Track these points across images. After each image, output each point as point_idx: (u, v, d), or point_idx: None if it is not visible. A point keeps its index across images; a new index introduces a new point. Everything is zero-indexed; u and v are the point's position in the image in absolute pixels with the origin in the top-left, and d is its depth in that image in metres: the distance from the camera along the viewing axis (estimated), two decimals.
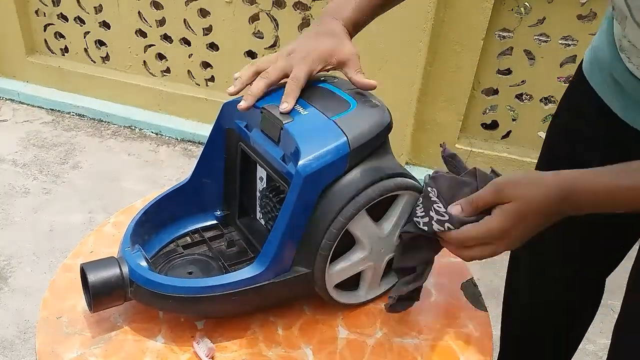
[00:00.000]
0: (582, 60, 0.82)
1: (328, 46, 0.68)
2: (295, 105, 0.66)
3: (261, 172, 0.75)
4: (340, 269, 0.69)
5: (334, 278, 0.69)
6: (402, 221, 0.68)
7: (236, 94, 0.68)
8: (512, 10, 1.93)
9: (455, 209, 0.59)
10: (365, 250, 0.68)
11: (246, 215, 0.81)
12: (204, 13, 2.31)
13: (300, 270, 0.66)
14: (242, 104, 0.66)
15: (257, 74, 0.68)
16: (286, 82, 0.67)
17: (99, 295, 0.65)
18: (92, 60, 2.61)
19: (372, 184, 0.64)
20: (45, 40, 2.64)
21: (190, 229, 0.80)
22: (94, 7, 2.45)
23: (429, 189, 0.62)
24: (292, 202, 0.62)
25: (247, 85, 0.68)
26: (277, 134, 0.65)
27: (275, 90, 0.69)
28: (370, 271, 0.72)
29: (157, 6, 2.36)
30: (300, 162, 0.60)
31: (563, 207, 0.56)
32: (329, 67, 0.70)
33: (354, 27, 0.73)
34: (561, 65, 1.99)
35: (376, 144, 0.66)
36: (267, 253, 0.64)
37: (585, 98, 0.77)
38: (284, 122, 0.64)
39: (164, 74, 2.52)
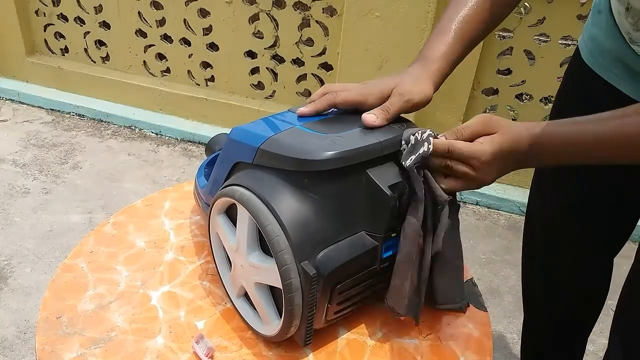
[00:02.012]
0: (575, 55, 0.85)
1: (391, 83, 0.68)
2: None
3: None
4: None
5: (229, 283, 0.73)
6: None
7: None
8: None
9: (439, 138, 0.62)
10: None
11: None
12: (204, 13, 2.31)
13: None
14: (301, 109, 0.69)
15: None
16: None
17: None
18: (92, 60, 2.61)
19: (229, 185, 0.65)
20: (45, 40, 2.64)
21: None
22: (94, 7, 2.45)
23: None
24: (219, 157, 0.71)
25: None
26: None
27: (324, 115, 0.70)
28: (250, 292, 0.68)
29: (157, 6, 2.36)
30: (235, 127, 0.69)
31: (531, 143, 0.59)
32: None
33: (441, 61, 0.71)
34: (561, 65, 1.99)
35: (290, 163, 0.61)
36: None
37: (592, 86, 0.80)
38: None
39: (164, 74, 2.52)
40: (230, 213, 0.69)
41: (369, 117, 0.64)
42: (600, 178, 0.84)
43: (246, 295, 0.70)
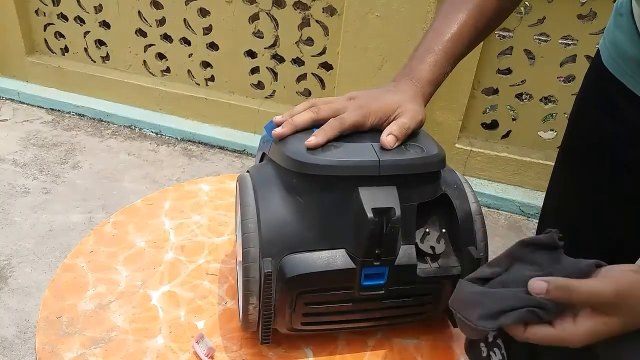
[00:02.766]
0: (595, 59, 0.79)
1: (392, 102, 0.62)
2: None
3: None
4: None
5: None
6: (238, 220, 0.65)
7: (281, 123, 0.63)
8: None
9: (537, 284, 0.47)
10: None
11: None
12: (204, 13, 2.31)
13: None
14: (278, 131, 0.62)
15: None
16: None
17: None
18: (92, 60, 2.61)
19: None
20: (46, 40, 2.64)
21: None
22: (94, 7, 2.45)
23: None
24: None
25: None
26: None
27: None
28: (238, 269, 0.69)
29: (157, 6, 2.36)
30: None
31: None
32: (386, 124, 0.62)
33: (432, 86, 0.66)
34: (561, 65, 1.99)
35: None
36: None
37: (613, 92, 0.75)
38: None
39: (164, 73, 2.52)
40: None
41: (391, 141, 0.59)
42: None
43: None
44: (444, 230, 0.62)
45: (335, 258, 0.59)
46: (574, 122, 0.87)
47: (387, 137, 0.59)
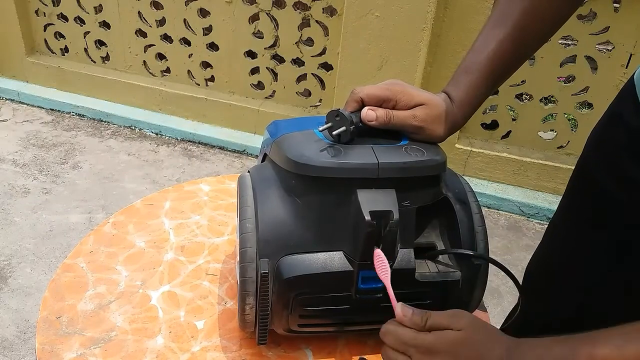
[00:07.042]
0: (626, 90, 0.67)
1: (423, 100, 0.62)
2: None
3: None
4: None
5: None
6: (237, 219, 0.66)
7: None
8: None
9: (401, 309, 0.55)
10: None
11: None
12: (204, 13, 2.31)
13: None
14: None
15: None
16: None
17: None
18: (92, 60, 2.61)
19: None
20: (46, 40, 2.64)
21: None
22: (94, 7, 2.45)
23: None
24: None
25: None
26: None
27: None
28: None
29: (157, 6, 2.36)
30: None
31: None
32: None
33: (467, 107, 0.65)
34: (561, 65, 1.99)
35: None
36: None
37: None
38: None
39: (164, 74, 2.52)
40: None
41: (370, 114, 0.60)
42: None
43: None
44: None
45: (333, 260, 0.58)
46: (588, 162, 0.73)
47: (369, 111, 0.60)
